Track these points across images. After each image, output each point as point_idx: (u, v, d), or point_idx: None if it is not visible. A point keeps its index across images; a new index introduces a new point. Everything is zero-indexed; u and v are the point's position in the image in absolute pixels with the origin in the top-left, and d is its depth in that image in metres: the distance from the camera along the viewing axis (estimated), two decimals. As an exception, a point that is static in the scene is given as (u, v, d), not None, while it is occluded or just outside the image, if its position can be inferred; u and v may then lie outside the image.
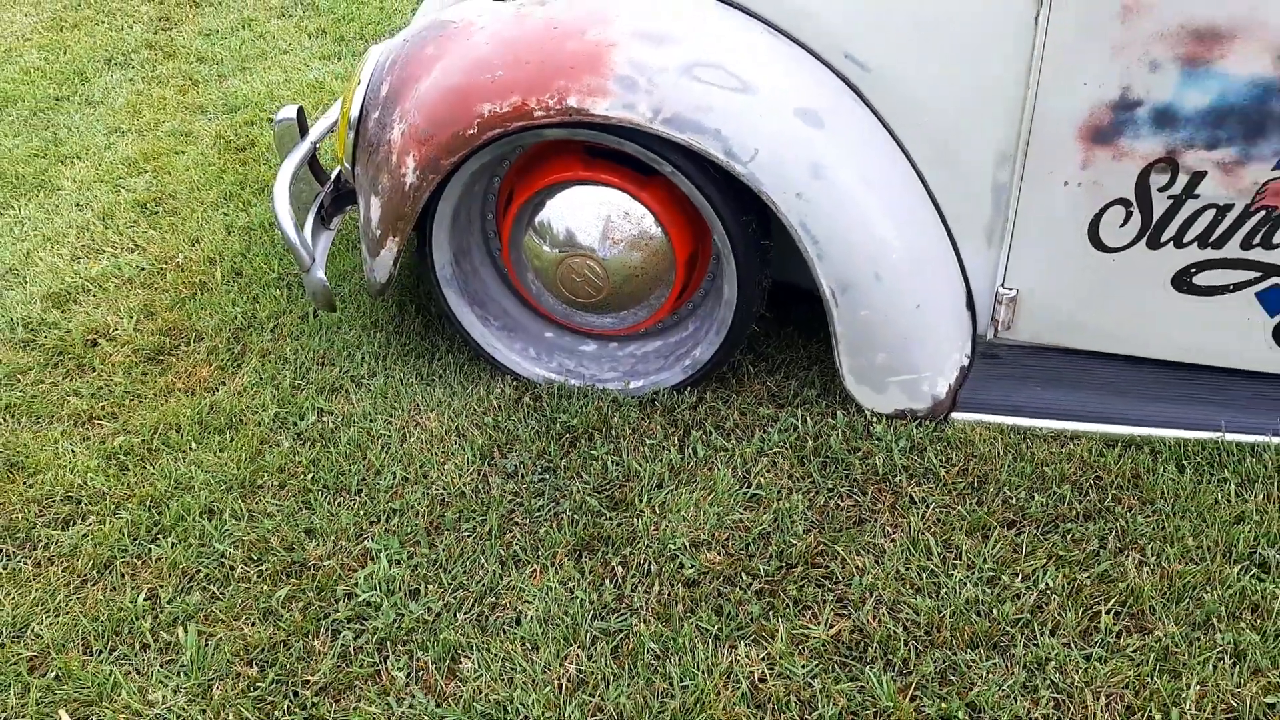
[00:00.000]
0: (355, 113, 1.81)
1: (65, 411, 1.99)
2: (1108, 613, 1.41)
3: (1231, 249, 1.58)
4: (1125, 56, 1.47)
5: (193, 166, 2.98)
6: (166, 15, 4.43)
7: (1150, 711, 1.28)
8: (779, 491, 1.64)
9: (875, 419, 1.75)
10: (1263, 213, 1.53)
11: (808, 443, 1.72)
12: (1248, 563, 1.47)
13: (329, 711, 1.37)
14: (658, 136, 1.58)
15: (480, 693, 1.37)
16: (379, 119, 1.76)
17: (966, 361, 1.77)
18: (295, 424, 1.88)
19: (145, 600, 1.55)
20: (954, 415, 1.74)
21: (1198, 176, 1.53)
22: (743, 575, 1.50)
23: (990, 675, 1.34)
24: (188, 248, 2.55)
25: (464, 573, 1.55)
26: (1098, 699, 1.30)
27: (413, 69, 1.72)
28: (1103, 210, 1.60)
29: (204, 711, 1.38)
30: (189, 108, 3.43)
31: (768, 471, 1.68)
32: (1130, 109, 1.50)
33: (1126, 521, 1.54)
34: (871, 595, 1.46)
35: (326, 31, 4.01)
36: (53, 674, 1.46)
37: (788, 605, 1.46)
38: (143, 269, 2.47)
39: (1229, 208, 1.54)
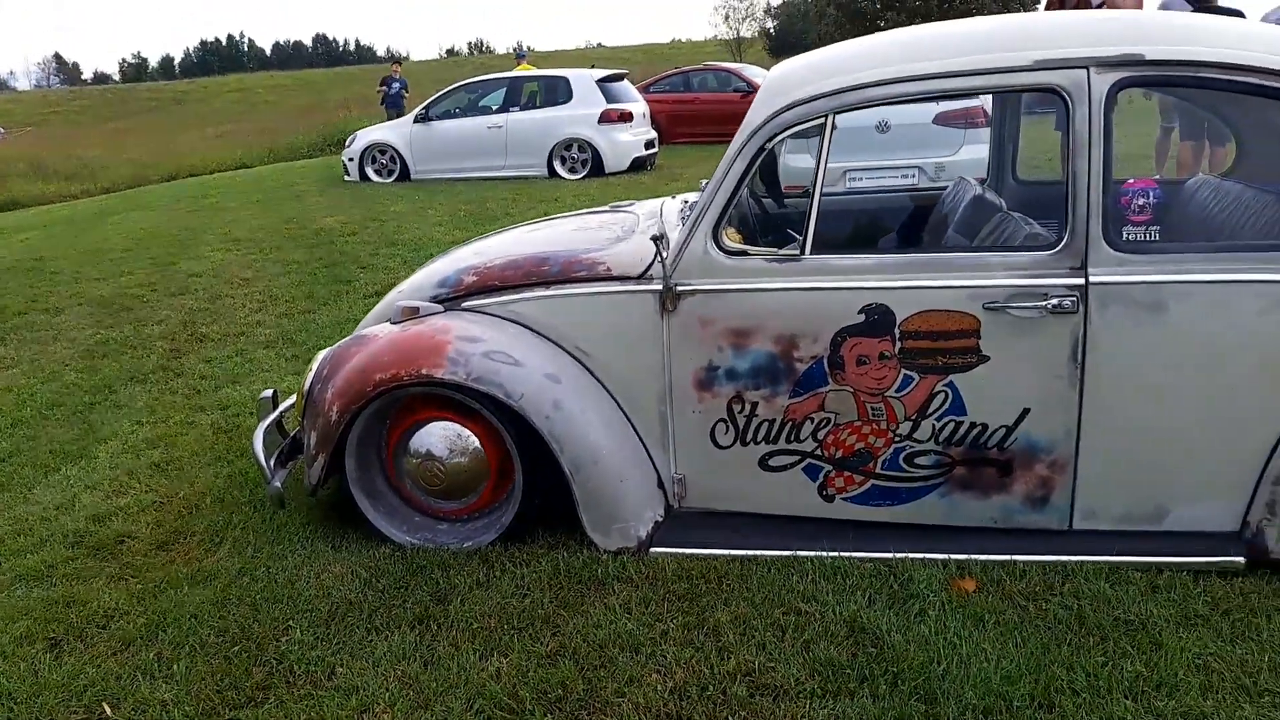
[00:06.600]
0: (306, 385, 3.15)
1: (104, 574, 3.11)
2: (721, 620, 2.54)
3: (781, 443, 2.88)
4: (705, 344, 2.85)
5: (194, 443, 4.25)
6: (177, 348, 5.92)
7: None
8: (539, 589, 2.79)
9: (604, 552, 2.93)
10: (791, 423, 2.85)
11: (560, 565, 2.89)
12: (788, 608, 2.62)
13: (260, 691, 2.42)
14: (471, 389, 2.91)
15: (346, 684, 2.44)
16: (320, 388, 3.09)
17: (659, 518, 2.99)
18: (252, 572, 3.02)
19: (154, 658, 2.62)
20: (652, 549, 2.93)
21: (754, 404, 2.86)
22: (505, 626, 2.63)
23: (630, 661, 2.44)
24: (187, 488, 3.76)
25: (344, 635, 2.65)
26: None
27: (342, 359, 3.09)
28: (714, 425, 2.91)
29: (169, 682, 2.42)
30: (192, 407, 4.77)
31: (534, 581, 2.84)
32: (714, 371, 2.87)
33: (729, 590, 2.70)
34: (577, 632, 2.58)
35: (299, 357, 5.47)
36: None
37: (525, 637, 2.57)
38: (155, 501, 3.67)
39: (775, 420, 2.86)
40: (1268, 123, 3.06)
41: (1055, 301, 2.61)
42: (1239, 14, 6.20)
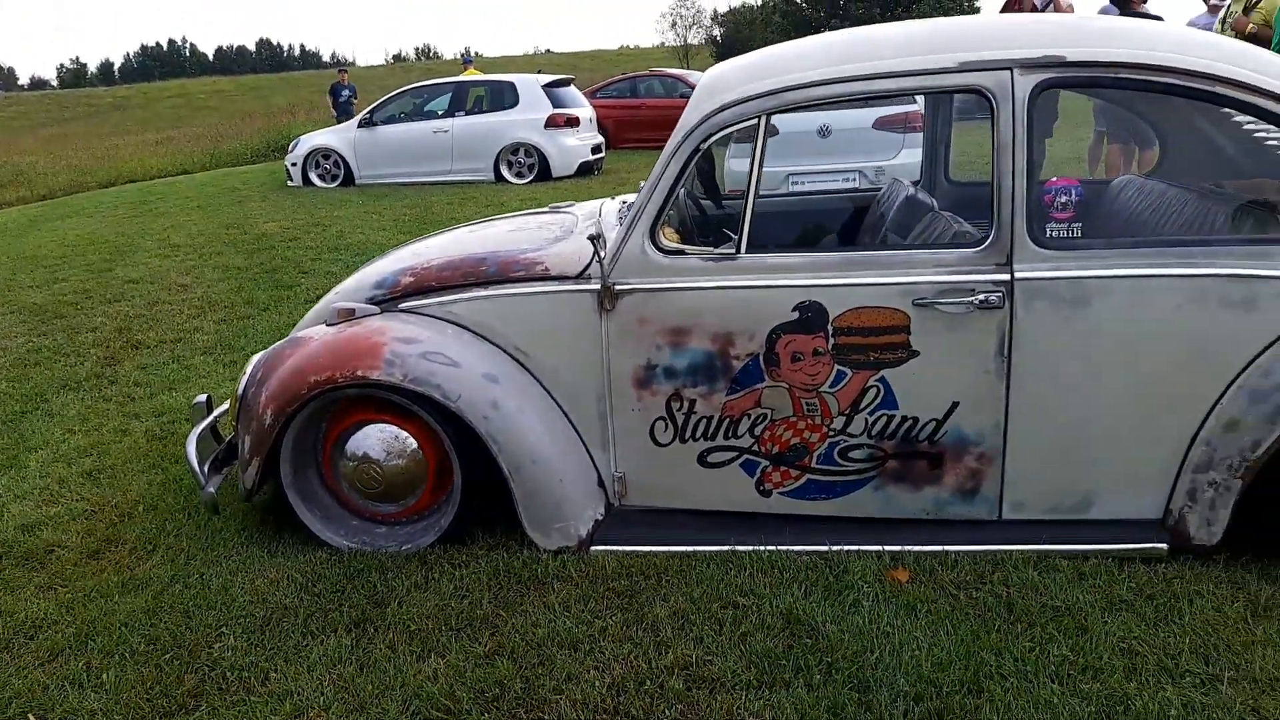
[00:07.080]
0: (240, 389, 3.11)
1: (32, 583, 3.03)
2: (660, 615, 2.55)
3: (719, 440, 2.90)
4: (643, 343, 2.87)
5: (127, 450, 4.16)
6: (112, 355, 5.78)
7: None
8: (478, 589, 2.78)
9: (544, 551, 2.93)
10: (728, 419, 2.88)
11: (500, 565, 2.88)
12: (725, 602, 2.64)
13: (192, 699, 2.38)
14: (407, 390, 2.89)
15: (280, 689, 2.41)
16: (254, 391, 3.05)
17: (600, 517, 2.99)
18: (185, 580, 2.96)
19: (83, 667, 2.56)
20: (592, 548, 2.93)
21: (692, 402, 2.88)
22: (443, 627, 2.61)
23: (568, 658, 2.45)
24: (119, 496, 3.68)
25: (279, 640, 2.61)
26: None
27: (276, 361, 3.05)
28: (653, 423, 2.93)
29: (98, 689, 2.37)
30: (127, 414, 4.66)
31: (473, 582, 2.82)
32: (652, 369, 2.88)
33: (668, 586, 2.72)
34: (516, 632, 2.57)
35: (237, 363, 5.37)
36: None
37: (463, 637, 2.56)
38: (86, 510, 3.58)
39: (712, 418, 2.89)
40: (1184, 121, 3.17)
41: (982, 297, 2.67)
42: (1158, 19, 6.42)
